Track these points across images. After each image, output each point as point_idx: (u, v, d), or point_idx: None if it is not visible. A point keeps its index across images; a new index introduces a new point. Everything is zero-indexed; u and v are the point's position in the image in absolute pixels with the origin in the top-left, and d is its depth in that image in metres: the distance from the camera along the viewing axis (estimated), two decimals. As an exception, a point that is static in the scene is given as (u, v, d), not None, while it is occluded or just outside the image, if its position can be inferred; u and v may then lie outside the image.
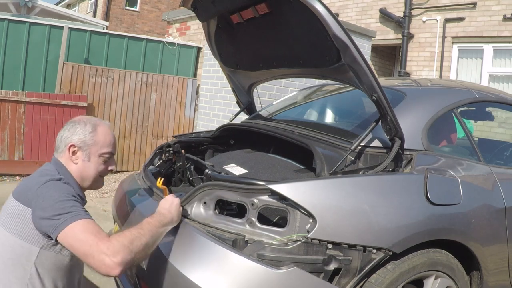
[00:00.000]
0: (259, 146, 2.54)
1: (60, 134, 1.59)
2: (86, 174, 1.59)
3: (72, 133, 1.56)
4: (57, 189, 1.40)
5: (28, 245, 1.40)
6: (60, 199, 1.36)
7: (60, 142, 1.58)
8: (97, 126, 1.59)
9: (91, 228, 1.31)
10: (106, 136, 1.61)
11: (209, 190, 1.70)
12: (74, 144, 1.55)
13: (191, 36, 7.20)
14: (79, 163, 1.57)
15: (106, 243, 1.25)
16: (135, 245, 1.30)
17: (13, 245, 1.41)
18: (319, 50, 1.89)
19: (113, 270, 1.23)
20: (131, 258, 1.27)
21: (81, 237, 1.28)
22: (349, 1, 9.05)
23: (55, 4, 15.29)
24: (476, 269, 2.01)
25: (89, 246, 1.25)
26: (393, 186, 1.77)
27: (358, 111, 2.61)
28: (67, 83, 5.88)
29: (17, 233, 1.41)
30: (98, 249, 1.24)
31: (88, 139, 1.56)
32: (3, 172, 5.51)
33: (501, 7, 7.02)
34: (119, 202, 2.24)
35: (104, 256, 1.23)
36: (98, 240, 1.26)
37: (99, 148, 1.58)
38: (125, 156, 6.38)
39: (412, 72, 8.06)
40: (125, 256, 1.25)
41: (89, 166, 1.58)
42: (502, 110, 2.94)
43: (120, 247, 1.26)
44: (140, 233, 1.36)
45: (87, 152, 1.57)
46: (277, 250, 1.50)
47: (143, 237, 1.35)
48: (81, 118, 1.62)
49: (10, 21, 5.80)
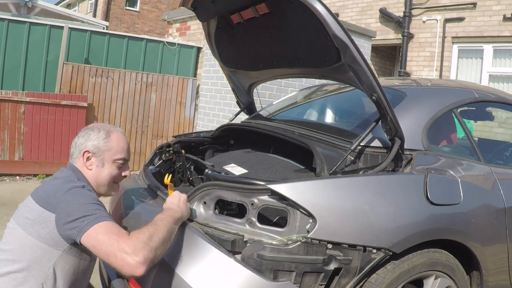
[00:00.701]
0: (259, 146, 2.54)
1: (74, 141, 1.63)
2: (100, 180, 1.62)
3: (86, 139, 1.60)
4: (81, 195, 1.44)
5: (50, 248, 1.44)
6: (85, 203, 1.40)
7: (75, 148, 1.62)
8: (110, 133, 1.63)
9: (113, 229, 1.33)
10: (119, 142, 1.65)
11: (209, 190, 1.70)
12: (88, 150, 1.59)
13: (191, 36, 7.21)
14: (93, 169, 1.61)
15: (127, 241, 1.26)
16: (154, 241, 1.30)
17: (34, 248, 1.44)
18: (319, 50, 1.89)
19: (137, 269, 1.23)
20: (152, 255, 1.28)
21: (103, 237, 1.30)
22: (349, 1, 9.05)
23: (55, 4, 15.29)
24: (476, 269, 2.01)
25: (111, 245, 1.27)
26: (393, 186, 1.77)
27: (358, 111, 2.61)
28: (67, 83, 5.88)
29: (39, 237, 1.43)
30: (120, 247, 1.25)
31: (102, 145, 1.60)
32: (3, 172, 5.51)
33: (501, 7, 7.02)
34: (117, 200, 2.24)
35: (126, 255, 1.24)
36: (119, 238, 1.28)
37: (113, 154, 1.62)
38: (125, 156, 6.37)
39: (412, 72, 8.06)
40: (147, 254, 1.25)
41: (102, 172, 1.62)
42: (502, 110, 2.94)
43: (141, 244, 1.26)
44: (156, 229, 1.36)
45: (101, 158, 1.61)
46: (277, 250, 1.50)
47: (160, 232, 1.36)
48: (95, 125, 1.66)
49: (10, 21, 5.80)
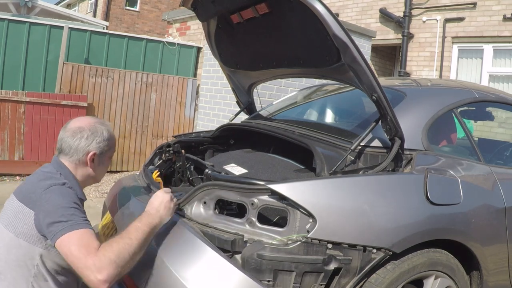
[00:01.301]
0: (259, 146, 2.54)
1: (71, 141, 1.58)
2: (98, 175, 1.69)
3: (90, 141, 1.59)
4: (60, 194, 1.44)
5: (31, 246, 1.43)
6: (62, 206, 1.40)
7: (76, 149, 1.58)
8: (110, 132, 1.67)
9: (84, 240, 1.33)
10: (114, 139, 1.70)
11: (209, 190, 1.71)
12: (96, 152, 1.60)
13: (191, 36, 7.21)
14: (95, 167, 1.64)
15: (93, 257, 1.28)
16: (122, 258, 1.31)
17: (17, 246, 1.44)
18: (319, 50, 1.89)
19: (99, 286, 1.27)
20: (117, 272, 1.30)
21: (73, 248, 1.31)
22: (349, 1, 9.05)
23: (55, 4, 15.28)
24: (476, 269, 2.01)
25: (78, 259, 1.29)
26: (393, 186, 1.77)
27: (358, 111, 2.61)
28: (67, 83, 5.88)
29: (20, 234, 1.43)
30: (86, 264, 1.27)
31: (105, 145, 1.63)
32: (3, 172, 5.52)
33: (501, 7, 7.02)
34: (113, 196, 2.24)
35: (90, 272, 1.27)
36: (87, 254, 1.29)
37: (111, 152, 1.69)
38: (125, 156, 6.38)
39: (412, 72, 8.06)
40: (110, 272, 1.27)
41: (102, 170, 1.69)
42: (502, 110, 2.94)
43: (106, 262, 1.28)
44: (128, 244, 1.37)
45: (103, 158, 1.65)
46: (277, 250, 1.50)
47: (131, 247, 1.36)
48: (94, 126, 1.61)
49: (10, 21, 5.80)
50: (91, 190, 5.26)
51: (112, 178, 5.95)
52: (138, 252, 1.39)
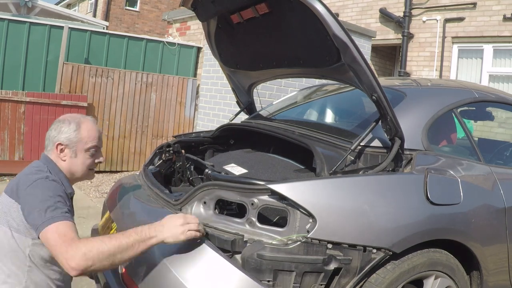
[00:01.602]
0: (259, 146, 2.54)
1: (48, 134, 1.68)
2: (74, 169, 1.67)
3: (58, 132, 1.64)
4: (43, 188, 1.49)
5: (23, 237, 1.50)
6: (44, 199, 1.45)
7: (48, 141, 1.67)
8: (80, 124, 1.67)
9: (61, 230, 1.39)
10: (90, 131, 1.68)
11: (209, 190, 1.71)
12: (61, 142, 1.63)
13: (191, 36, 7.21)
14: (67, 160, 1.65)
15: (67, 246, 1.34)
16: (94, 253, 1.34)
17: (9, 239, 1.51)
18: (319, 50, 1.89)
19: (70, 271, 1.34)
20: (86, 265, 1.33)
21: (51, 237, 1.37)
22: (349, 1, 9.05)
23: (55, 4, 15.28)
24: (476, 269, 2.01)
25: (54, 247, 1.36)
26: (393, 186, 1.77)
27: (358, 111, 2.61)
28: (67, 83, 5.88)
29: (12, 227, 1.51)
30: (60, 250, 1.34)
31: (73, 137, 1.64)
32: (3, 172, 5.52)
33: (501, 7, 7.02)
34: (113, 196, 2.24)
35: (62, 258, 1.34)
36: (62, 242, 1.35)
37: (84, 144, 1.66)
38: (125, 156, 6.38)
39: (412, 72, 8.06)
40: (79, 262, 1.32)
41: (76, 162, 1.67)
42: (502, 110, 2.94)
43: (77, 252, 1.33)
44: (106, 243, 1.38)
45: (74, 149, 1.65)
46: (277, 250, 1.50)
47: (107, 247, 1.37)
48: (65, 117, 1.69)
49: (10, 21, 5.80)
50: (91, 190, 5.26)
51: (112, 178, 5.95)
52: (115, 254, 1.38)
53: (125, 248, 1.40)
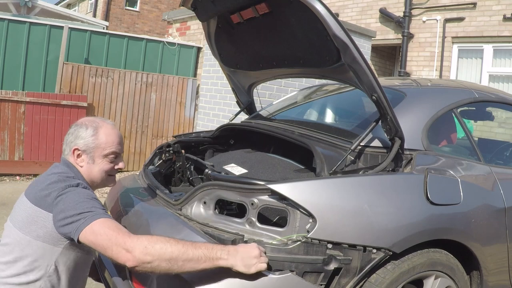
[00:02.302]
0: (259, 146, 2.54)
1: (66, 138, 1.63)
2: (93, 176, 1.62)
3: (75, 137, 1.59)
4: (76, 194, 1.44)
5: (50, 246, 1.45)
6: (80, 201, 1.41)
7: (66, 145, 1.62)
8: (98, 129, 1.60)
9: (111, 225, 1.36)
10: (109, 136, 1.61)
11: (209, 190, 1.71)
12: (78, 148, 1.58)
13: (191, 36, 7.20)
14: (84, 165, 1.60)
15: (126, 237, 1.30)
16: (156, 250, 1.29)
17: (35, 248, 1.45)
18: (319, 50, 1.89)
19: (128, 262, 1.29)
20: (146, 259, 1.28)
21: (100, 232, 1.33)
22: (349, 1, 9.05)
23: (55, 4, 15.29)
24: (476, 269, 2.01)
25: (108, 239, 1.31)
26: (393, 186, 1.77)
27: (358, 111, 2.61)
28: (67, 83, 5.88)
29: (38, 237, 1.44)
30: (118, 241, 1.30)
31: (90, 142, 1.58)
32: (3, 172, 5.51)
33: (501, 7, 7.02)
34: (114, 196, 2.24)
35: (120, 249, 1.29)
36: (119, 234, 1.32)
37: (103, 150, 1.60)
38: (125, 156, 6.37)
39: (412, 72, 8.06)
40: (139, 254, 1.28)
41: (94, 168, 1.60)
42: (502, 110, 2.94)
43: (138, 244, 1.29)
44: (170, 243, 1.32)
45: (91, 155, 1.59)
46: (277, 250, 1.50)
47: (171, 247, 1.31)
48: (83, 121, 1.63)
49: (10, 21, 5.80)
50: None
51: (112, 178, 5.95)
52: (177, 260, 1.31)
53: (190, 258, 1.32)
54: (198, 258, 1.34)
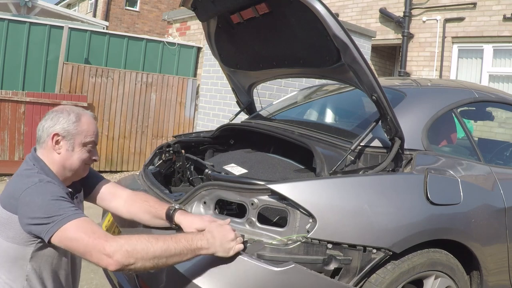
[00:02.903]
0: (259, 146, 2.54)
1: (41, 124, 1.53)
2: (69, 164, 1.54)
3: (55, 122, 1.51)
4: (38, 194, 1.37)
5: (22, 247, 1.40)
6: (44, 205, 1.33)
7: (42, 132, 1.52)
8: (81, 116, 1.55)
9: (85, 228, 1.30)
10: (90, 125, 1.56)
11: (209, 190, 1.71)
12: (58, 133, 1.50)
13: (191, 36, 7.20)
14: (62, 152, 1.52)
15: (103, 242, 1.26)
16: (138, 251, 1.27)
17: (6, 249, 1.41)
18: (319, 50, 1.89)
19: (109, 266, 1.25)
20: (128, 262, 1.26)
21: (76, 237, 1.28)
22: (349, 1, 9.05)
23: (55, 4, 15.29)
24: (476, 269, 2.01)
25: (85, 245, 1.27)
26: (393, 186, 1.77)
27: (358, 111, 2.61)
28: (67, 83, 5.88)
29: (7, 238, 1.40)
30: (97, 246, 1.26)
31: (72, 129, 1.51)
32: (3, 172, 5.52)
33: (501, 7, 7.02)
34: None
35: (99, 254, 1.25)
36: (96, 238, 1.27)
37: (84, 138, 1.54)
38: (125, 156, 6.38)
39: (412, 72, 8.06)
40: (121, 258, 1.24)
41: (72, 156, 1.53)
42: (502, 110, 2.94)
43: (118, 248, 1.25)
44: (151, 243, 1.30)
45: (71, 142, 1.52)
46: (277, 250, 1.50)
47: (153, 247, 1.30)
48: (64, 108, 1.57)
49: (10, 21, 5.80)
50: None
51: (112, 178, 5.95)
52: (160, 257, 1.31)
53: (172, 253, 1.32)
54: (181, 252, 1.35)
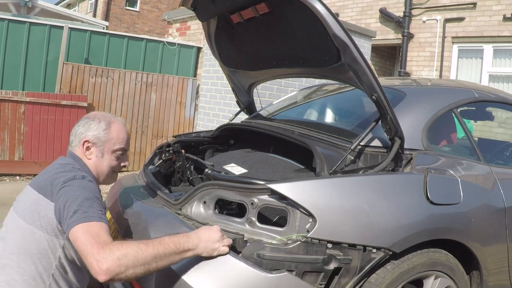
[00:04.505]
0: (259, 145, 2.54)
1: (74, 129, 1.62)
2: (100, 170, 1.62)
3: (86, 129, 1.59)
4: (81, 187, 1.42)
5: (53, 238, 1.44)
6: (82, 198, 1.38)
7: (75, 137, 1.61)
8: (111, 123, 1.62)
9: (95, 230, 1.32)
10: (119, 133, 1.64)
11: (209, 190, 1.71)
12: (89, 140, 1.59)
13: (191, 36, 7.21)
14: (93, 158, 1.60)
15: (99, 248, 1.26)
16: (129, 259, 1.27)
17: (38, 239, 1.43)
18: (319, 50, 1.89)
19: (98, 275, 1.24)
20: (119, 270, 1.25)
21: (82, 237, 1.30)
22: (349, 1, 9.06)
23: (55, 4, 15.28)
24: (476, 269, 2.01)
25: (85, 246, 1.28)
26: (393, 186, 1.77)
27: (358, 111, 2.61)
28: (67, 83, 5.88)
29: (41, 227, 1.43)
30: (91, 251, 1.26)
31: (102, 136, 1.59)
32: (3, 172, 5.51)
33: (501, 7, 7.02)
34: (114, 196, 2.24)
35: (93, 260, 1.24)
36: (95, 243, 1.27)
37: (112, 145, 1.61)
38: (125, 156, 6.37)
39: (412, 72, 8.06)
40: (111, 266, 1.23)
41: (102, 162, 1.61)
42: (502, 110, 2.94)
43: (110, 256, 1.24)
44: (142, 249, 1.31)
45: (101, 148, 1.60)
46: (277, 249, 1.50)
47: (143, 253, 1.31)
48: (96, 114, 1.65)
49: (10, 21, 5.80)
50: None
51: (112, 178, 5.94)
52: (151, 263, 1.32)
53: (161, 257, 1.34)
54: (169, 255, 1.37)
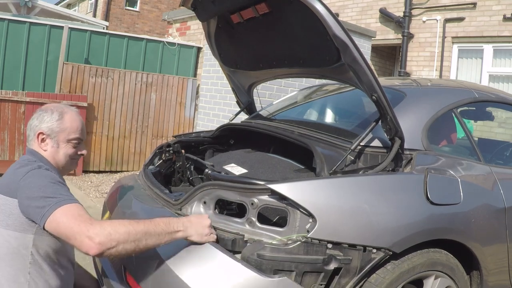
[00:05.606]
0: (259, 146, 2.54)
1: (29, 123, 1.64)
2: (58, 159, 1.64)
3: (40, 121, 1.61)
4: (39, 176, 1.45)
5: (22, 234, 1.45)
6: (43, 186, 1.41)
7: (30, 130, 1.63)
8: (64, 114, 1.64)
9: (74, 211, 1.35)
10: (73, 122, 1.65)
11: (209, 190, 1.71)
12: (43, 131, 1.60)
13: (191, 36, 7.20)
14: (49, 149, 1.62)
15: (88, 225, 1.30)
16: (120, 234, 1.31)
17: (7, 239, 1.44)
18: (319, 50, 1.89)
19: (90, 249, 1.28)
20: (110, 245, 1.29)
21: (64, 220, 1.33)
22: (349, 1, 9.06)
23: (55, 4, 15.29)
24: (476, 269, 2.01)
25: (71, 228, 1.31)
26: (393, 186, 1.77)
27: (358, 111, 2.61)
28: (67, 83, 5.88)
29: (7, 226, 1.44)
30: (80, 230, 1.29)
31: (55, 127, 1.61)
32: (3, 172, 5.50)
33: (501, 7, 7.02)
34: (113, 196, 2.24)
35: (84, 237, 1.28)
36: (81, 221, 1.31)
37: (67, 135, 1.63)
38: (125, 156, 6.38)
39: (412, 72, 8.06)
40: (104, 241, 1.28)
41: (58, 152, 1.63)
42: (502, 110, 2.94)
43: (101, 231, 1.29)
44: (132, 225, 1.36)
45: (56, 139, 1.62)
46: (277, 250, 1.50)
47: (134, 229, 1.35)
48: (48, 107, 1.67)
49: (10, 21, 5.80)
50: (91, 190, 5.26)
51: (112, 178, 5.95)
52: (141, 240, 1.37)
53: (151, 235, 1.39)
54: (159, 234, 1.42)
